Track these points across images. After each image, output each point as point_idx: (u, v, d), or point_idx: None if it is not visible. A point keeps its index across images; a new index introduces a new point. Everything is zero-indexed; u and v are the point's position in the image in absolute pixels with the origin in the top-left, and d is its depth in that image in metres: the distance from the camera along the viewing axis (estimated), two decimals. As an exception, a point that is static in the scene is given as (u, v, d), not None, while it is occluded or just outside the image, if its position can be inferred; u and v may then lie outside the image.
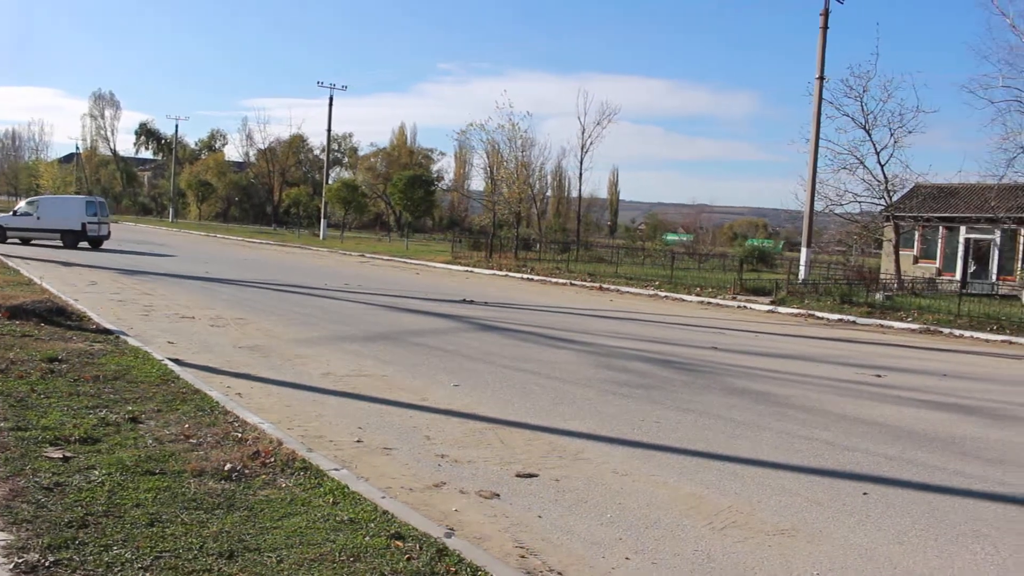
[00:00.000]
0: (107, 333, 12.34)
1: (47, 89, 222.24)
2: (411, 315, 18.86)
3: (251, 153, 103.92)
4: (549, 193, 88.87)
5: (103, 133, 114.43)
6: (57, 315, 13.28)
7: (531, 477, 7.14)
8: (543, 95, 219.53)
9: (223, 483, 6.04)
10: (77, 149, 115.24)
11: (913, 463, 8.32)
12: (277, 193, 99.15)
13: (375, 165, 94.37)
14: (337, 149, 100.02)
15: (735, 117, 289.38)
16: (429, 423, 8.84)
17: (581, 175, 59.34)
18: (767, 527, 6.23)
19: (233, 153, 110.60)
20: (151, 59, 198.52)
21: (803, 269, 31.90)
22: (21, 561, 4.50)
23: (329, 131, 68.39)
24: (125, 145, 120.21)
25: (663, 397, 10.84)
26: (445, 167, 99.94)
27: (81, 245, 37.59)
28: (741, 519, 6.37)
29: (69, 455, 6.36)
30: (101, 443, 6.76)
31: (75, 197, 45.83)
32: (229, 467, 6.33)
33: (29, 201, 41.10)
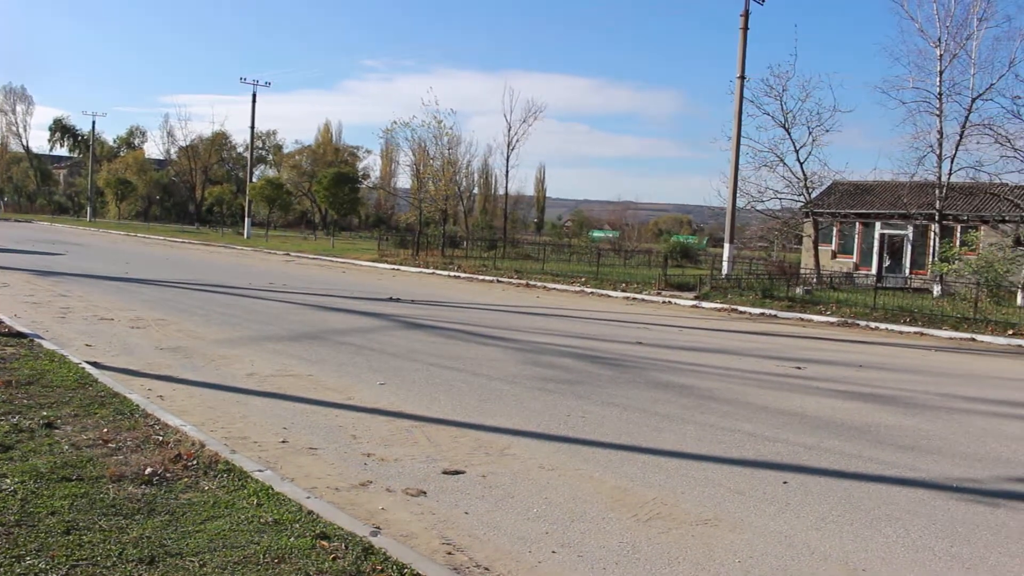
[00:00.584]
0: (20, 336, 11.94)
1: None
2: (337, 314, 18.69)
3: (172, 151, 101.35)
4: (476, 191, 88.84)
5: (15, 129, 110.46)
6: (-34, 319, 12.83)
7: (458, 474, 7.15)
8: (469, 93, 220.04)
9: (143, 488, 5.92)
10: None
11: (831, 452, 8.56)
12: (200, 191, 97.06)
13: (300, 163, 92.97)
14: (261, 147, 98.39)
15: (659, 115, 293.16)
16: (355, 422, 8.79)
17: (508, 172, 59.86)
18: (691, 517, 6.36)
19: (153, 150, 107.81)
20: (64, 54, 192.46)
21: (726, 265, 32.52)
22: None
23: (253, 128, 67.30)
24: (39, 142, 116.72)
25: (589, 392, 10.95)
26: (371, 165, 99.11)
27: None
28: (665, 510, 6.49)
29: (-20, 463, 6.16)
30: (14, 450, 6.56)
31: None
32: (150, 471, 6.21)
33: None
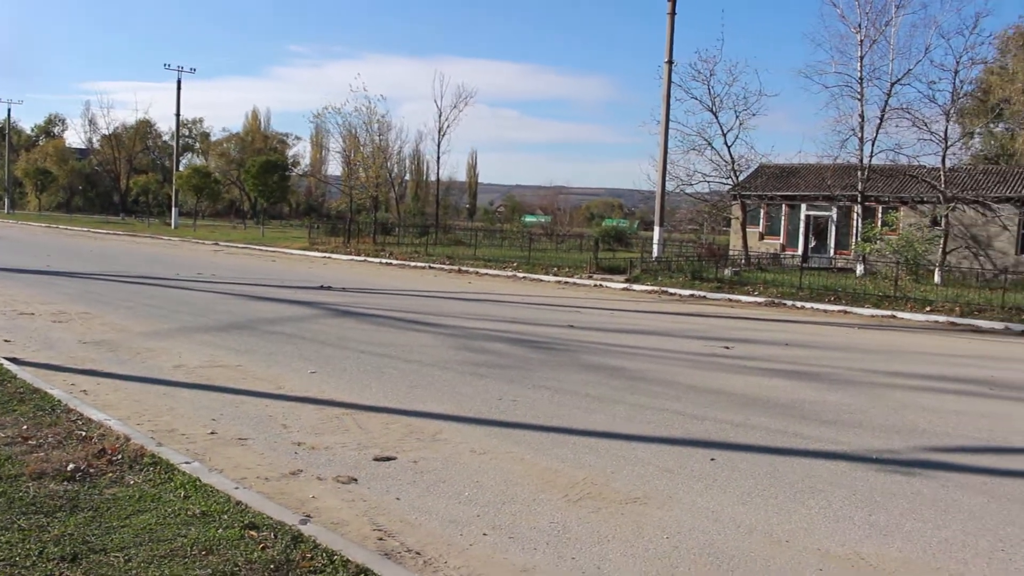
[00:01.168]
0: (-65, 333, 11.56)
1: None
2: (267, 303, 18.45)
3: (95, 139, 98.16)
4: (408, 177, 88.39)
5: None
6: None
7: (389, 460, 7.15)
8: (400, 79, 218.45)
9: (66, 484, 5.80)
10: None
11: (757, 428, 8.76)
12: (124, 181, 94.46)
13: (228, 151, 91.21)
14: (188, 134, 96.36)
15: (589, 101, 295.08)
16: (285, 411, 8.71)
17: (439, 158, 59.89)
18: (620, 496, 6.45)
19: (75, 139, 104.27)
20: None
21: (657, 247, 32.89)
22: None
23: (178, 115, 66.01)
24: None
25: (520, 376, 11.01)
26: (301, 152, 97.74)
27: None
28: (595, 490, 6.57)
29: None
30: (-72, 449, 6.37)
31: None
32: (72, 467, 6.08)
33: None
